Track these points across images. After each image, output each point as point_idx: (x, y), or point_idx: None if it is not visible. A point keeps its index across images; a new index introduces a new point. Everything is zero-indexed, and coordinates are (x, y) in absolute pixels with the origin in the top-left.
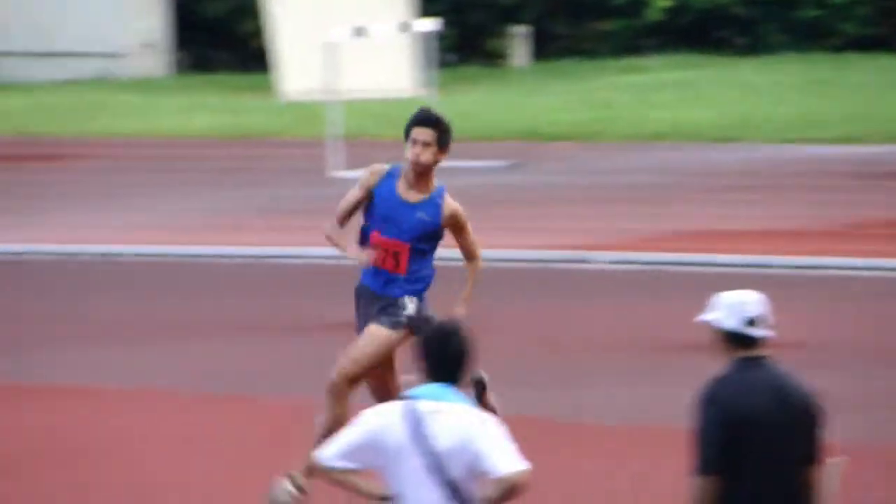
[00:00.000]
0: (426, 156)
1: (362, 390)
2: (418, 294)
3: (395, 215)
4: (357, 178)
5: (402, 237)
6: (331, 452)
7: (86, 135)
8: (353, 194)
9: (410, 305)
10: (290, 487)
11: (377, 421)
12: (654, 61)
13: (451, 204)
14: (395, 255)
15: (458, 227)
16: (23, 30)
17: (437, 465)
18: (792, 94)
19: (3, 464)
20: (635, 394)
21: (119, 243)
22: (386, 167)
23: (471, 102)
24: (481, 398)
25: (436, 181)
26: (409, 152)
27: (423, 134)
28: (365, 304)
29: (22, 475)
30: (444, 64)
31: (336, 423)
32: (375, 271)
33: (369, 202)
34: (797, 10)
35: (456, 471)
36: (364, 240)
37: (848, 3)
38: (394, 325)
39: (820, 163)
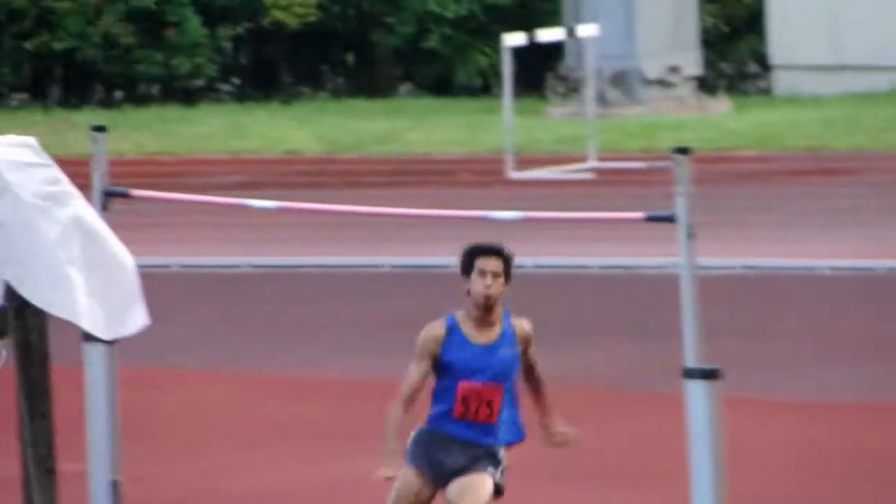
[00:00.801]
0: (496, 288)
1: None
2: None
3: (480, 364)
4: None
5: (497, 380)
6: None
7: (881, 148)
8: (417, 371)
9: (502, 458)
10: None
11: None
12: None
13: (520, 324)
14: (489, 404)
15: (528, 345)
16: (812, 42)
17: None
18: None
19: None
20: None
21: None
22: (442, 324)
23: None
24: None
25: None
26: (477, 285)
27: (491, 264)
28: (446, 450)
29: None
30: None
31: None
32: (466, 424)
33: (440, 368)
34: None
35: None
36: (443, 398)
37: None
38: (496, 478)
39: None
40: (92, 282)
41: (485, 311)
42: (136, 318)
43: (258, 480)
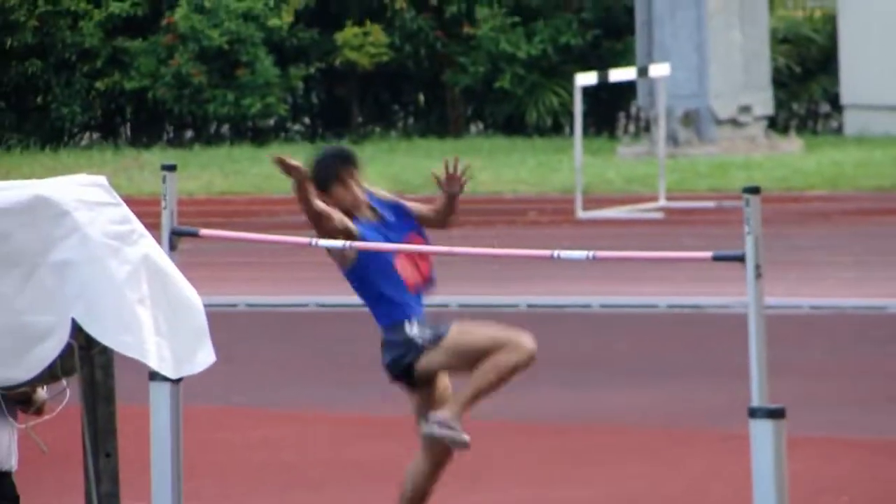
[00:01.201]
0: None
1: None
2: None
3: (388, 225)
4: None
5: (414, 230)
6: None
7: None
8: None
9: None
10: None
11: None
12: None
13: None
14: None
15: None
16: (884, 82)
17: None
18: None
19: None
20: None
21: None
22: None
23: None
24: None
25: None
26: (349, 195)
27: (351, 172)
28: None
29: None
30: None
31: None
32: (418, 298)
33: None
34: None
35: None
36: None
37: None
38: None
39: None
40: (160, 321)
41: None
42: (204, 357)
43: None
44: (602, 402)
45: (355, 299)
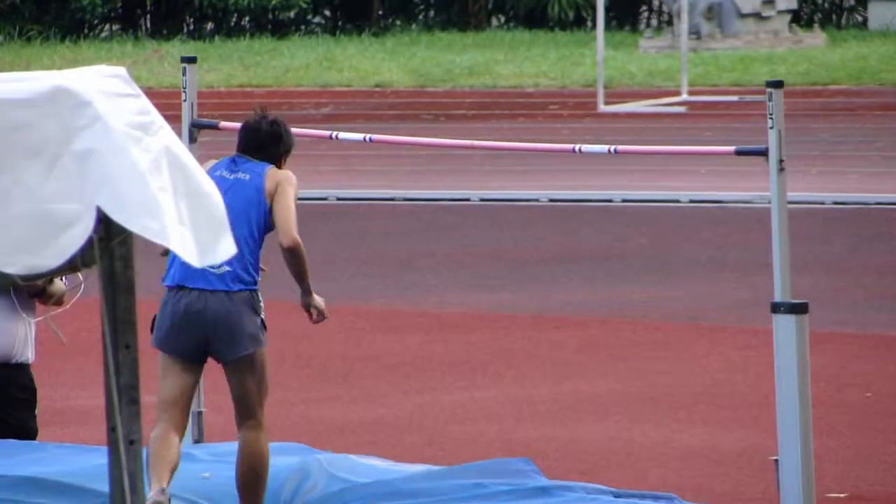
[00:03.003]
0: None
1: None
2: None
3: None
4: None
5: None
6: None
7: None
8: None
9: None
10: None
11: None
12: None
13: None
14: None
15: None
16: None
17: None
18: None
19: None
20: None
21: None
22: None
23: None
24: None
25: None
26: None
27: None
28: None
29: None
30: None
31: None
32: None
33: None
34: None
35: None
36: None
37: None
38: None
39: None
40: (181, 210)
41: None
42: (225, 247)
43: (351, 410)
44: (624, 297)
45: (374, 193)
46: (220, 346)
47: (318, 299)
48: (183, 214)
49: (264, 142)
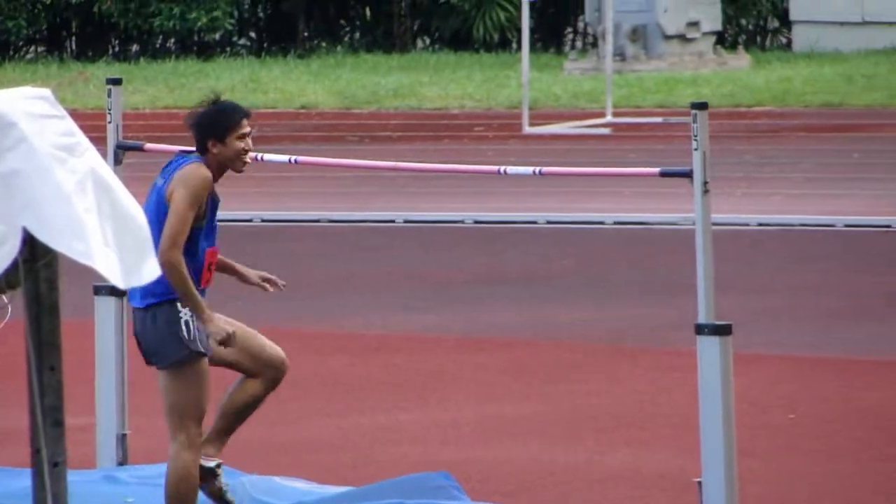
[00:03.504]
0: None
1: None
2: None
3: (215, 222)
4: None
5: (216, 240)
6: None
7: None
8: (190, 219)
9: None
10: None
11: None
12: None
13: None
14: (214, 265)
15: None
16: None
17: None
18: None
19: None
20: None
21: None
22: (209, 173)
23: None
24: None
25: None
26: (241, 145)
27: (247, 126)
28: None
29: None
30: None
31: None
32: (202, 293)
33: (196, 220)
34: None
35: None
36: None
37: None
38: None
39: None
40: (107, 232)
41: (239, 171)
42: (150, 269)
43: (275, 432)
44: (549, 318)
45: (301, 215)
46: (149, 359)
47: (216, 325)
48: (108, 236)
49: (190, 131)
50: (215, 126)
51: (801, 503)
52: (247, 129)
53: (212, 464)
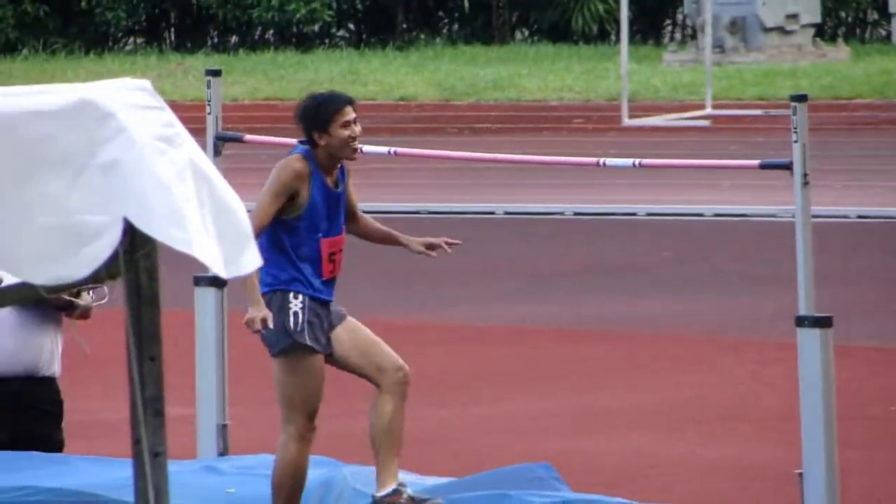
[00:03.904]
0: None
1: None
2: None
3: (336, 212)
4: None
5: (341, 230)
6: None
7: None
8: (272, 208)
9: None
10: None
11: None
12: None
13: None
14: (341, 252)
15: (349, 178)
16: None
17: None
18: None
19: None
20: None
21: None
22: (302, 160)
23: None
24: None
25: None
26: (346, 133)
27: (352, 113)
28: (323, 315)
29: None
30: None
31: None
32: (326, 283)
33: (295, 217)
34: None
35: None
36: (302, 256)
37: None
38: None
39: None
40: (207, 221)
41: (351, 159)
42: (250, 259)
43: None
44: (648, 310)
45: (398, 206)
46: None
47: (252, 311)
48: (208, 225)
49: (297, 125)
50: (317, 117)
51: None
52: (350, 117)
53: (385, 492)
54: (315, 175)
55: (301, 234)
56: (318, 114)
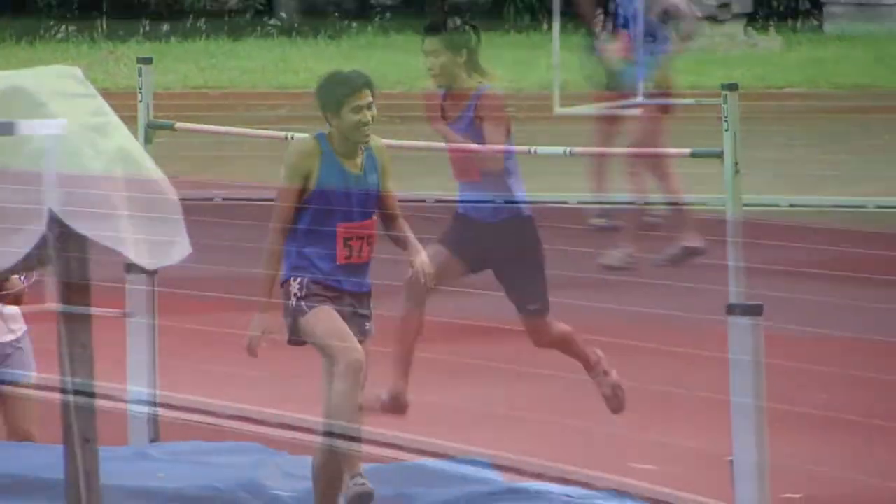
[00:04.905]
0: (373, 116)
1: None
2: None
3: (356, 195)
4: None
5: (367, 216)
6: None
7: None
8: (288, 189)
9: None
10: None
11: None
12: None
13: (378, 143)
14: (369, 239)
15: (387, 166)
16: None
17: None
18: None
19: None
20: None
21: None
22: (313, 140)
23: None
24: None
25: None
26: (356, 118)
27: (365, 97)
28: (332, 298)
29: None
30: None
31: None
32: (340, 268)
33: (309, 198)
34: None
35: None
36: (316, 239)
37: None
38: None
39: None
40: (136, 212)
41: (364, 143)
42: (180, 248)
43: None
44: (575, 301)
45: None
46: None
47: (254, 323)
48: (136, 218)
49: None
50: (328, 100)
51: (832, 482)
52: (363, 101)
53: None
54: (327, 154)
55: (311, 215)
56: (331, 95)
